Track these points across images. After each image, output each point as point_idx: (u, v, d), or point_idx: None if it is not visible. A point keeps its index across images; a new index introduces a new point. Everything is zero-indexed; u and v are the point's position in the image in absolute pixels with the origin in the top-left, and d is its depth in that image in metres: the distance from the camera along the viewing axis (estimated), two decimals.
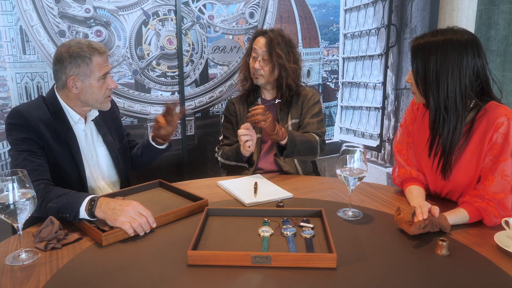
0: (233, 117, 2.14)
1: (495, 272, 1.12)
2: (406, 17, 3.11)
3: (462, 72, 1.33)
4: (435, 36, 1.37)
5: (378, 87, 3.16)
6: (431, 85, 1.36)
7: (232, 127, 2.13)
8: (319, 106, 2.09)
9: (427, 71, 1.36)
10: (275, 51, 1.97)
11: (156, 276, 1.10)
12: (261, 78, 2.03)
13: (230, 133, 2.14)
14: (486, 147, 1.38)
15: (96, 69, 1.56)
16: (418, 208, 1.28)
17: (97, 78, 1.57)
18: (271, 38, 1.99)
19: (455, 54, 1.33)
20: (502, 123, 1.35)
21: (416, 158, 1.60)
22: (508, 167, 1.34)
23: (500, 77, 3.15)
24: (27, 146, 1.49)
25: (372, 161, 3.31)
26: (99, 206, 1.32)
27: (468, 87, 1.35)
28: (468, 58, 1.33)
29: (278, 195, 1.61)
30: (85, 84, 1.56)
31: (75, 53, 1.53)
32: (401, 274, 1.11)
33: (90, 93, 1.58)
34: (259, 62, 2.01)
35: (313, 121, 2.04)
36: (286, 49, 2.01)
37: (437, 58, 1.34)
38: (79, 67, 1.54)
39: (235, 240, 1.27)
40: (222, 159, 2.05)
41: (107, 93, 1.63)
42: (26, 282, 1.07)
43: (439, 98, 1.36)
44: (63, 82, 1.56)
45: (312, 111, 2.05)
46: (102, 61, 1.57)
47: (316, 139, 1.94)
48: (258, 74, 2.02)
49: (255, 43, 2.04)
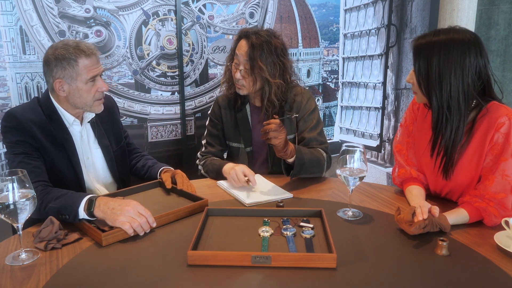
0: (219, 123, 1.98)
1: (495, 272, 1.12)
2: (406, 17, 3.11)
3: (465, 71, 1.33)
4: (437, 35, 1.37)
5: (378, 87, 3.16)
6: (433, 84, 1.36)
7: (217, 134, 1.99)
8: (317, 115, 1.90)
9: (429, 71, 1.36)
10: (257, 63, 1.75)
11: (156, 276, 1.10)
12: (244, 89, 1.83)
13: (215, 141, 1.98)
14: (487, 147, 1.38)
15: (83, 72, 1.51)
16: (418, 208, 1.28)
17: (85, 81, 1.52)
18: (253, 45, 1.75)
19: (458, 54, 1.33)
20: (504, 123, 1.35)
21: (417, 158, 1.59)
22: (509, 167, 1.34)
23: (500, 77, 3.15)
24: (22, 148, 1.48)
25: (372, 161, 3.31)
26: (98, 205, 1.32)
27: (471, 87, 1.35)
28: (470, 57, 1.33)
29: (278, 195, 1.61)
30: (72, 87, 1.53)
31: (60, 56, 1.49)
32: (401, 274, 1.11)
33: (78, 96, 1.54)
34: (240, 72, 1.79)
35: (313, 135, 1.86)
36: (271, 59, 1.77)
37: (440, 58, 1.34)
38: (64, 69, 1.50)
39: (235, 240, 1.27)
40: (203, 170, 1.91)
41: (97, 96, 1.57)
42: (26, 282, 1.07)
43: (442, 97, 1.36)
44: (51, 85, 1.54)
45: (310, 123, 1.87)
46: (90, 63, 1.52)
47: (323, 156, 1.79)
48: (239, 85, 1.83)
49: (237, 47, 1.81)
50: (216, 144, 1.99)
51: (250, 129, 1.95)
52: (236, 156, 2.00)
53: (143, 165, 1.84)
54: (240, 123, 1.95)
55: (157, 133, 2.53)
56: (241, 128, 1.95)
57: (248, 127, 1.95)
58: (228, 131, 1.98)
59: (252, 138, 1.96)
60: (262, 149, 1.97)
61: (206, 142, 2.01)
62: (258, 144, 1.96)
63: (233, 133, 1.98)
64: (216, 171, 1.81)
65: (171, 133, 2.57)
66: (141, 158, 1.90)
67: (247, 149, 1.96)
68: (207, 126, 2.03)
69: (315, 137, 1.86)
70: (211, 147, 1.99)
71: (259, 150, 1.97)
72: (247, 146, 1.96)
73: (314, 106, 1.92)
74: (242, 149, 1.97)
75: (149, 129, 2.50)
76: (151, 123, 2.50)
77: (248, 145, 1.95)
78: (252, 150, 1.97)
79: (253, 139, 1.96)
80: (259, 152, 1.97)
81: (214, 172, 1.83)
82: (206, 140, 2.01)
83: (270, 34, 1.81)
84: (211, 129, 2.00)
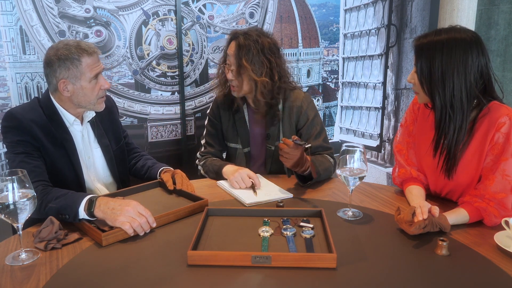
0: (218, 123, 1.98)
1: (495, 272, 1.12)
2: (406, 17, 3.11)
3: (467, 70, 1.33)
4: (439, 35, 1.37)
5: (378, 87, 3.16)
6: (436, 84, 1.36)
7: (217, 134, 1.99)
8: (319, 120, 1.88)
9: (432, 70, 1.36)
10: (242, 63, 1.74)
11: (156, 276, 1.10)
12: (237, 91, 1.83)
13: (215, 141, 1.98)
14: (488, 146, 1.38)
15: (86, 71, 1.52)
16: (418, 208, 1.28)
17: (88, 80, 1.53)
18: (240, 45, 1.75)
19: (460, 53, 1.33)
20: (504, 122, 1.35)
21: (417, 158, 1.59)
22: (509, 167, 1.34)
23: (500, 77, 3.15)
24: (23, 148, 1.48)
25: (372, 161, 3.31)
26: (98, 206, 1.32)
27: (473, 85, 1.35)
28: (473, 56, 1.33)
29: (278, 195, 1.61)
30: (76, 87, 1.53)
31: (63, 56, 1.50)
32: (401, 274, 1.11)
33: (82, 95, 1.55)
34: (231, 72, 1.79)
35: (319, 143, 1.84)
36: (258, 58, 1.75)
37: (443, 57, 1.34)
38: (68, 69, 1.51)
39: (235, 240, 1.27)
40: (203, 170, 1.90)
41: (101, 94, 1.59)
42: (26, 282, 1.07)
43: (445, 97, 1.35)
44: (55, 86, 1.54)
45: (314, 130, 1.85)
46: (92, 62, 1.54)
47: (331, 162, 1.81)
48: (232, 85, 1.83)
49: (228, 48, 1.82)
50: (215, 144, 1.99)
51: (248, 130, 1.95)
52: (233, 156, 2.00)
53: (143, 165, 1.84)
54: (238, 124, 1.94)
55: (157, 133, 2.53)
56: (239, 129, 1.95)
57: (245, 128, 1.94)
58: (226, 132, 1.98)
59: (250, 139, 1.95)
60: (261, 151, 1.96)
61: (205, 142, 2.00)
62: (256, 145, 1.96)
63: (231, 133, 1.97)
64: (216, 172, 1.81)
65: (171, 133, 2.57)
66: (141, 158, 1.90)
67: (244, 150, 1.96)
68: (206, 126, 2.02)
69: (321, 144, 1.86)
70: (211, 147, 1.98)
71: (257, 151, 1.96)
72: (245, 147, 1.95)
73: (316, 111, 1.90)
74: (240, 150, 1.97)
75: (149, 129, 2.50)
76: (151, 123, 2.50)
77: (246, 146, 1.95)
78: (250, 151, 1.96)
79: (251, 140, 1.95)
80: (257, 153, 1.97)
81: (214, 172, 1.83)
82: (205, 140, 2.01)
83: (259, 34, 1.80)
84: (210, 129, 2.00)
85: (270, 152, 1.93)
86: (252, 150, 1.96)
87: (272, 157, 1.92)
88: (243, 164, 1.93)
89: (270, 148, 1.92)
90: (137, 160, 1.89)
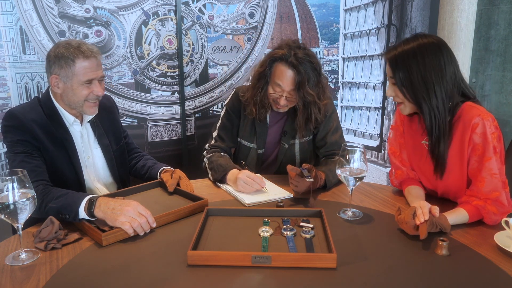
0: (236, 119, 1.90)
1: (495, 272, 1.12)
2: (406, 17, 3.11)
3: (443, 72, 1.36)
4: (407, 44, 1.39)
5: (378, 87, 3.16)
6: (420, 90, 1.37)
7: (231, 129, 1.92)
8: (336, 116, 1.86)
9: (412, 78, 1.37)
10: (307, 91, 1.68)
11: (156, 276, 1.10)
12: (285, 109, 1.79)
13: (227, 136, 1.91)
14: (468, 148, 1.40)
15: (80, 73, 1.51)
16: (419, 209, 1.29)
17: (80, 82, 1.52)
18: (301, 74, 1.65)
19: (433, 56, 1.36)
20: (478, 123, 1.36)
21: (409, 159, 1.60)
22: (494, 166, 1.36)
23: (500, 77, 3.15)
24: (23, 147, 1.48)
25: (372, 161, 3.31)
26: (98, 206, 1.32)
27: (450, 86, 1.37)
28: (444, 57, 1.36)
29: (278, 195, 1.61)
30: (66, 86, 1.53)
31: (60, 54, 1.51)
32: (401, 274, 1.11)
33: (71, 95, 1.55)
34: (285, 99, 1.72)
35: (335, 139, 1.83)
36: (316, 80, 1.70)
37: (418, 64, 1.36)
38: (61, 68, 1.51)
39: (235, 240, 1.27)
40: (208, 166, 1.82)
41: (90, 97, 1.56)
42: (26, 282, 1.07)
43: (431, 101, 1.37)
44: (49, 81, 1.56)
45: (331, 126, 1.82)
46: (89, 65, 1.52)
47: None
48: (281, 106, 1.76)
49: (279, 76, 1.68)
50: (227, 139, 1.91)
51: (267, 131, 1.90)
52: (244, 154, 1.93)
53: (143, 165, 1.83)
54: (258, 124, 1.88)
55: (157, 133, 2.53)
56: (257, 130, 1.89)
57: (265, 129, 1.89)
58: (243, 129, 1.91)
59: (266, 141, 1.91)
60: (273, 151, 1.94)
61: (217, 135, 1.92)
62: (270, 146, 1.92)
63: (248, 132, 1.90)
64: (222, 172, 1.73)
65: (171, 133, 2.57)
66: (141, 158, 1.89)
67: (259, 151, 1.91)
68: (222, 117, 1.92)
69: (337, 141, 1.83)
70: (221, 142, 1.91)
71: (270, 151, 1.93)
72: (260, 148, 1.90)
73: (333, 107, 1.87)
74: (254, 150, 1.91)
75: (149, 129, 2.50)
76: (151, 123, 2.50)
77: (261, 147, 1.90)
78: (264, 152, 1.92)
79: (267, 141, 1.91)
80: (270, 154, 1.94)
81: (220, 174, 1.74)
82: (217, 133, 1.92)
83: (308, 53, 1.70)
84: (226, 122, 1.91)
85: (283, 149, 1.89)
86: (265, 151, 1.92)
87: (284, 156, 1.90)
88: (253, 163, 1.90)
89: (284, 146, 1.88)
90: (137, 160, 1.89)
